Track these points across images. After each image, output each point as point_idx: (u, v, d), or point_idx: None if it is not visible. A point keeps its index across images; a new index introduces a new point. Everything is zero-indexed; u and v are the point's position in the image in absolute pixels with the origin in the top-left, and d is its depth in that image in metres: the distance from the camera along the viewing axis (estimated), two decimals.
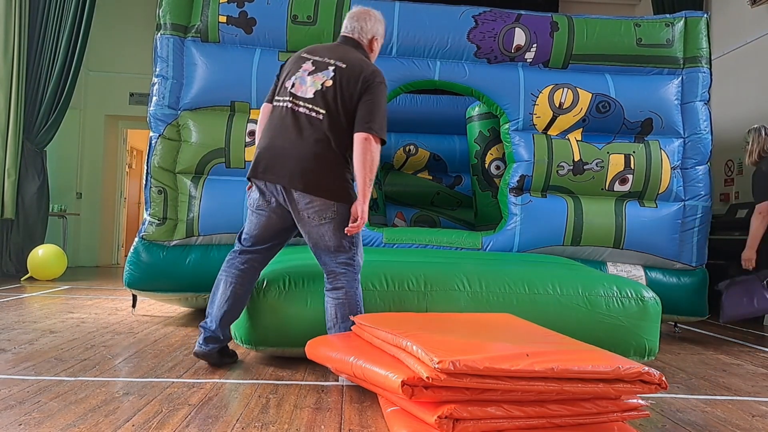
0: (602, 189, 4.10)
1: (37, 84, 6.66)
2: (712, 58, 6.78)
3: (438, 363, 1.65)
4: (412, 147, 5.90)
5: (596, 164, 4.06)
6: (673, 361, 3.21)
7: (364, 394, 2.30)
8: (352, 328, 2.46)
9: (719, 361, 3.29)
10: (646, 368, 1.77)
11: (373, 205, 4.91)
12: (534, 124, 4.12)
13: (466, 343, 1.95)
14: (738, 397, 2.50)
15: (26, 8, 6.58)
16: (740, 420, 2.17)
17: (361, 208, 2.41)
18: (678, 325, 4.38)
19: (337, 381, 2.50)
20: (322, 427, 1.92)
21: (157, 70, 3.98)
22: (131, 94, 8.43)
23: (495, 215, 4.68)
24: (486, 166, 5.00)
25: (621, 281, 3.08)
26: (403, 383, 1.71)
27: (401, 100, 5.81)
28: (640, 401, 1.84)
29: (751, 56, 6.16)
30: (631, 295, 2.96)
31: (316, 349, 2.42)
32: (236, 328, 2.86)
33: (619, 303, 2.93)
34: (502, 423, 1.72)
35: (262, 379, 2.50)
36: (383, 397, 2.03)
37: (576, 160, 4.07)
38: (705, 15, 4.36)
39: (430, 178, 5.95)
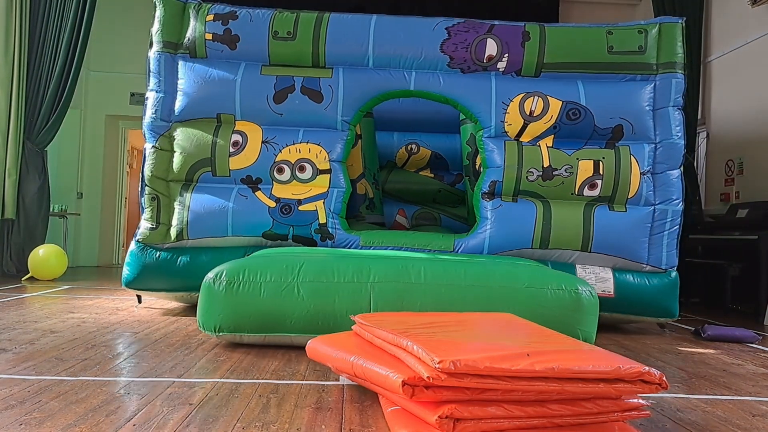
0: (572, 194, 4.19)
1: (37, 84, 6.67)
2: (712, 58, 6.81)
3: (439, 363, 1.65)
4: (414, 146, 5.99)
5: (565, 170, 4.16)
6: (673, 361, 3.21)
7: (364, 394, 2.30)
8: (352, 327, 2.46)
9: (720, 360, 3.29)
10: (647, 368, 1.77)
11: (370, 204, 5.01)
12: (506, 132, 4.24)
13: (466, 342, 1.95)
14: (739, 397, 2.50)
15: (27, 8, 6.58)
16: (741, 420, 2.17)
17: None
18: (666, 326, 4.41)
19: (338, 380, 2.51)
20: (323, 426, 1.92)
21: (151, 84, 4.29)
22: (132, 94, 8.44)
23: None
24: (476, 167, 5.05)
25: (563, 277, 3.28)
26: (404, 383, 1.71)
27: (403, 101, 5.88)
28: (640, 401, 1.84)
29: (751, 56, 6.16)
30: (566, 288, 3.17)
31: (316, 348, 2.42)
32: (199, 315, 3.15)
33: (555, 296, 3.15)
34: (503, 423, 1.72)
35: (262, 379, 2.50)
36: (384, 396, 2.03)
37: (545, 166, 4.17)
38: (680, 21, 4.39)
39: (432, 176, 6.02)
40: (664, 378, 1.78)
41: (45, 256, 6.18)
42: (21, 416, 1.90)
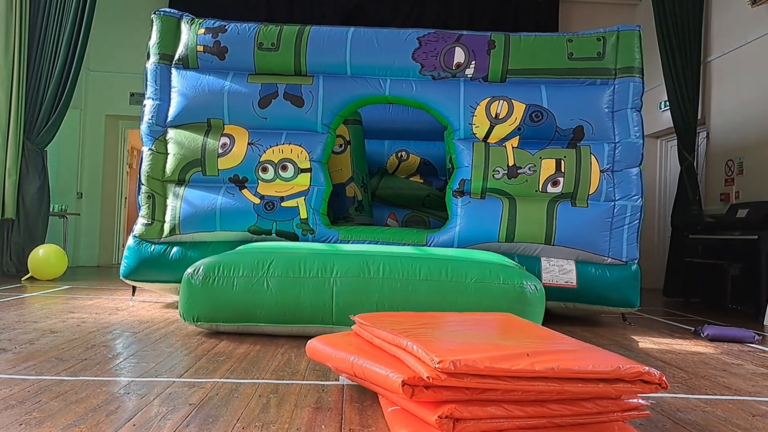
0: (536, 191, 4.45)
1: (37, 84, 6.67)
2: (712, 58, 6.82)
3: (439, 363, 1.65)
4: (403, 153, 6.26)
5: (529, 168, 4.43)
6: (673, 361, 3.21)
7: (364, 394, 2.30)
8: (352, 327, 2.46)
9: (719, 360, 3.29)
10: (647, 368, 1.77)
11: (358, 206, 5.33)
12: (474, 134, 4.52)
13: (466, 342, 1.95)
14: (738, 397, 2.50)
15: (27, 8, 6.58)
16: (741, 420, 2.17)
17: None
18: (628, 318, 4.67)
19: (338, 380, 2.51)
20: (323, 426, 1.92)
21: (148, 92, 4.65)
22: (131, 94, 8.44)
23: None
24: None
25: (510, 272, 3.46)
26: (404, 383, 1.71)
27: (393, 110, 6.18)
28: (640, 401, 1.84)
29: (751, 56, 6.16)
30: (512, 282, 3.41)
31: (316, 348, 2.42)
32: (180, 306, 3.46)
33: (500, 289, 3.40)
34: (503, 423, 1.72)
35: (262, 379, 2.51)
36: (384, 396, 2.03)
37: (510, 165, 4.45)
38: (638, 28, 4.62)
39: (421, 181, 6.24)
40: (663, 378, 1.78)
41: (45, 256, 6.18)
42: (21, 416, 1.90)
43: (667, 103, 6.93)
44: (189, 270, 3.48)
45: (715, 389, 2.62)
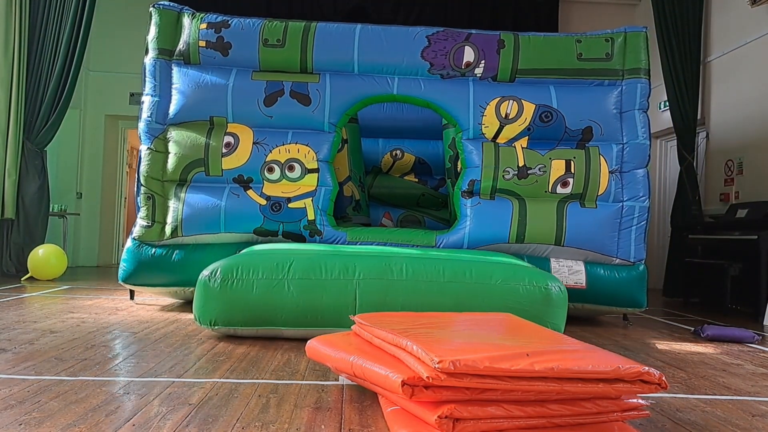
0: (546, 191, 4.44)
1: (37, 84, 6.66)
2: (712, 58, 6.82)
3: (438, 363, 1.65)
4: (398, 152, 6.24)
5: (539, 169, 4.42)
6: (673, 361, 3.21)
7: (364, 394, 2.30)
8: (352, 327, 2.46)
9: (719, 360, 3.29)
10: (646, 368, 1.77)
11: (356, 206, 5.30)
12: (483, 134, 4.49)
13: (466, 342, 1.95)
14: (738, 397, 2.50)
15: (26, 8, 6.58)
16: (740, 420, 2.17)
17: None
18: (628, 319, 4.68)
19: (337, 380, 2.51)
20: (323, 426, 1.92)
21: (146, 89, 4.51)
22: (131, 94, 8.43)
23: None
24: (458, 170, 5.17)
25: (534, 274, 3.44)
26: (404, 383, 1.71)
27: (388, 109, 6.13)
28: (640, 401, 1.84)
29: (751, 56, 6.16)
30: (537, 284, 3.38)
31: (316, 348, 2.42)
32: (195, 309, 3.35)
33: (526, 291, 3.36)
34: (503, 423, 1.72)
35: (262, 379, 2.50)
36: (383, 396, 2.03)
37: (520, 165, 4.42)
38: (644, 29, 4.63)
39: (416, 180, 6.23)
40: (663, 378, 1.78)
41: (44, 256, 6.18)
42: (20, 416, 1.90)
43: (667, 103, 6.93)
44: (205, 272, 3.36)
45: (714, 389, 2.62)
